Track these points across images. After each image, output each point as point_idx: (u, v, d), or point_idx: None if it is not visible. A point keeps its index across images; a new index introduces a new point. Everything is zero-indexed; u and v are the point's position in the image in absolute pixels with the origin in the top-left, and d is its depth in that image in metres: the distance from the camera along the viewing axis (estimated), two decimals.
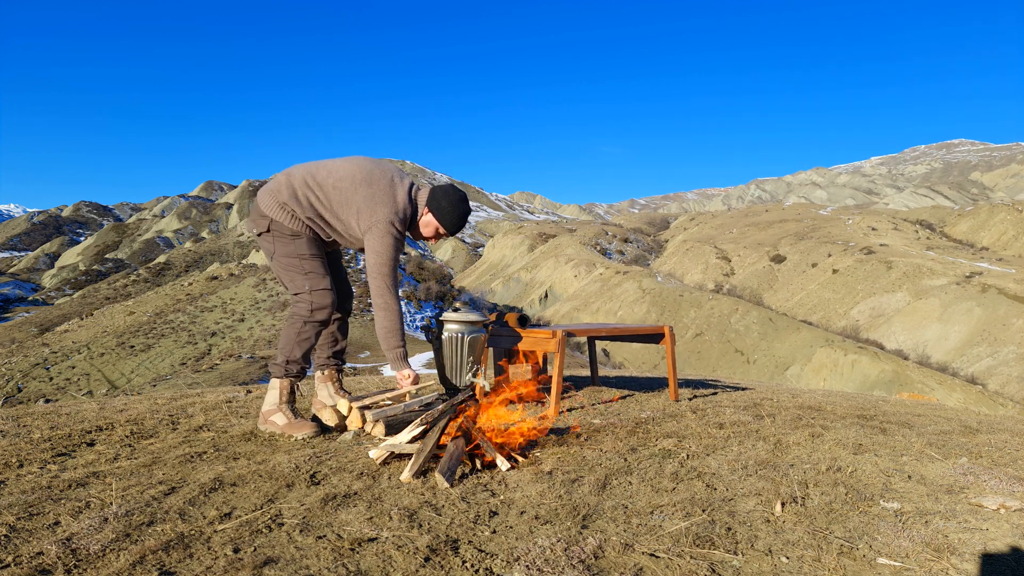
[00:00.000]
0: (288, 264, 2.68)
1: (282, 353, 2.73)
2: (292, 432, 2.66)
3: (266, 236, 2.69)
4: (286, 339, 2.72)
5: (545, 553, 1.53)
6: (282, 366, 2.73)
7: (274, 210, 2.65)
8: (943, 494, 2.08)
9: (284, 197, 2.65)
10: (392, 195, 2.63)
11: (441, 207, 2.70)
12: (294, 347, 2.71)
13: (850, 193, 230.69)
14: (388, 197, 2.62)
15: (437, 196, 2.70)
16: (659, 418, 3.18)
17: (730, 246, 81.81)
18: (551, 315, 72.78)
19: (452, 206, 2.71)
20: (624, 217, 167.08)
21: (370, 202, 2.60)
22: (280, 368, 2.74)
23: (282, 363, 2.73)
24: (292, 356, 2.72)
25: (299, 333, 2.70)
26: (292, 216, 2.65)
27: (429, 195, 2.72)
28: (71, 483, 2.00)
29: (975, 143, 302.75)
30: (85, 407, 3.42)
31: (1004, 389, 40.95)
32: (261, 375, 32.20)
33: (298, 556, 1.50)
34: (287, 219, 2.65)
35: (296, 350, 2.72)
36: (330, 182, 2.63)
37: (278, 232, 2.67)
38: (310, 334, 2.72)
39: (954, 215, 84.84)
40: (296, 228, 2.66)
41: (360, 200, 2.60)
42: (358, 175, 2.63)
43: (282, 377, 2.74)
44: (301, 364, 2.76)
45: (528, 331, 3.48)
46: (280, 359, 2.74)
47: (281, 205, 2.65)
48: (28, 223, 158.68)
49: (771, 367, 49.76)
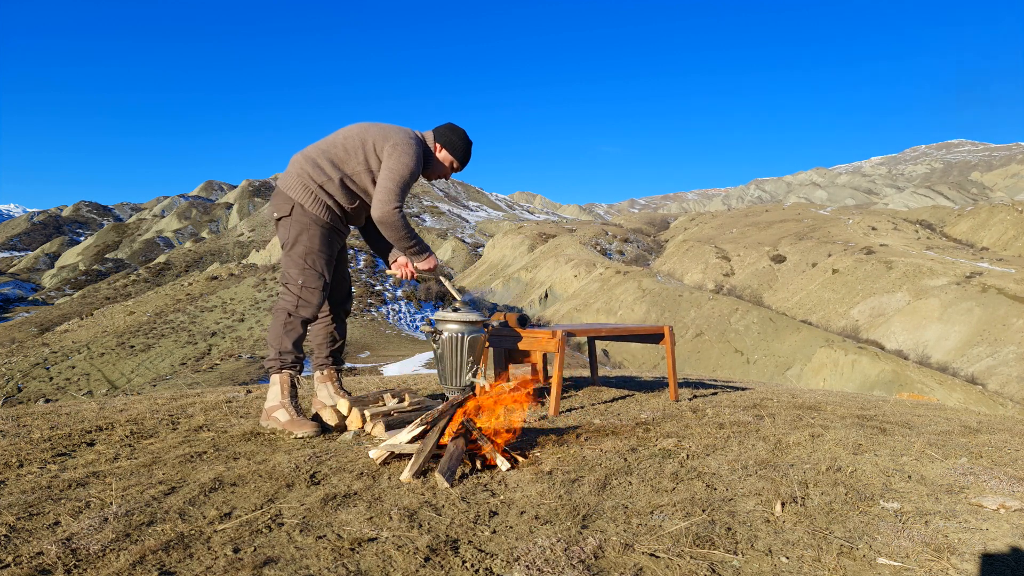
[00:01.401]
0: (296, 255, 2.68)
1: (273, 347, 2.72)
2: (293, 429, 2.65)
3: (286, 221, 2.69)
4: (274, 332, 2.71)
5: (545, 553, 1.53)
6: (276, 359, 2.71)
7: (298, 191, 2.67)
8: (943, 494, 2.08)
9: (307, 172, 2.67)
10: (402, 128, 2.74)
11: (452, 141, 2.82)
12: (283, 338, 2.70)
13: (850, 193, 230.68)
14: (399, 129, 2.73)
15: (446, 132, 2.83)
16: (659, 418, 3.18)
17: (730, 246, 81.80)
18: (551, 315, 72.78)
19: (461, 139, 2.84)
20: (624, 217, 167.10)
21: (383, 132, 2.68)
22: (275, 362, 2.72)
23: (276, 357, 2.71)
24: (283, 347, 2.70)
25: (284, 325, 2.70)
26: (315, 198, 2.66)
27: (436, 133, 2.83)
28: (71, 483, 2.00)
29: (975, 143, 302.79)
30: (85, 407, 3.42)
31: (1004, 389, 40.94)
32: (261, 375, 32.19)
33: (298, 556, 1.50)
34: (310, 201, 2.66)
35: (285, 340, 2.70)
36: (340, 138, 2.71)
37: (299, 217, 2.67)
38: (296, 325, 2.71)
39: (954, 215, 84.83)
40: (318, 212, 2.67)
41: (374, 135, 2.68)
42: (364, 124, 2.75)
43: (279, 371, 2.72)
44: (295, 354, 2.73)
45: (528, 331, 3.48)
46: (273, 353, 2.72)
47: (304, 186, 2.66)
48: (28, 223, 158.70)
49: (771, 367, 49.76)
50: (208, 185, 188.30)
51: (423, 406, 2.84)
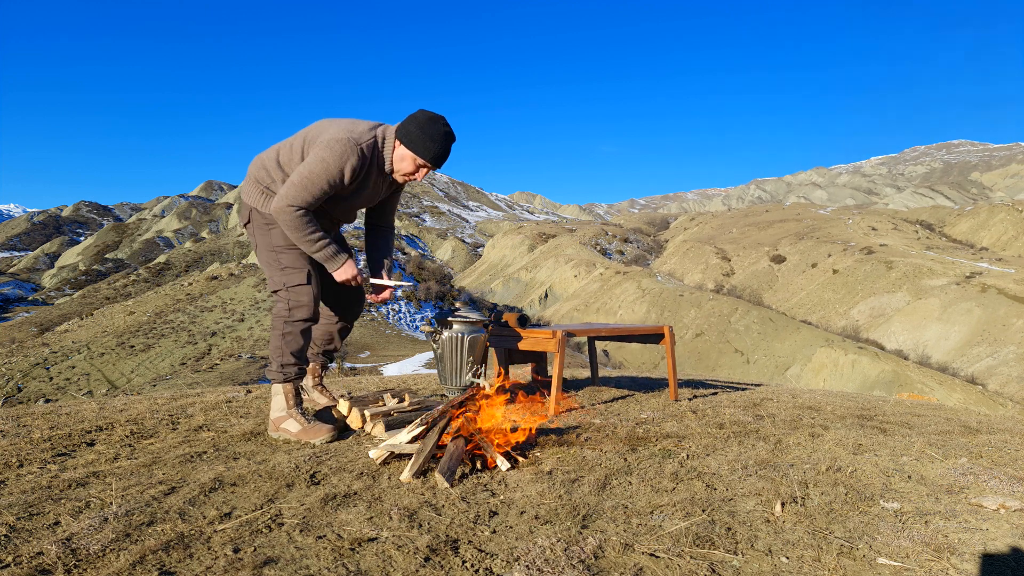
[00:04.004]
0: (268, 259, 2.60)
1: (274, 359, 2.66)
2: (308, 438, 2.58)
3: (249, 227, 2.61)
4: (273, 343, 2.64)
5: (545, 553, 1.53)
6: (278, 371, 2.66)
7: (252, 196, 2.58)
8: (943, 494, 2.08)
9: (255, 176, 2.58)
10: (350, 123, 2.49)
11: (410, 133, 2.40)
12: (282, 350, 2.62)
13: (850, 193, 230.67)
14: (346, 127, 2.45)
15: (405, 125, 2.43)
16: (659, 418, 3.18)
17: (730, 246, 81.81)
18: (551, 315, 72.79)
19: (425, 132, 2.39)
20: (624, 217, 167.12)
21: (322, 129, 2.48)
22: (278, 374, 2.66)
23: (277, 368, 2.66)
24: (284, 360, 2.63)
25: (283, 335, 2.60)
26: (266, 199, 2.56)
27: (397, 128, 2.46)
28: (71, 483, 2.00)
29: (975, 143, 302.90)
30: (85, 407, 3.42)
31: (1004, 389, 40.95)
32: (261, 375, 32.20)
33: (298, 556, 1.50)
34: (262, 202, 2.56)
35: (285, 352, 2.62)
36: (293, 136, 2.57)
37: (258, 221, 2.58)
38: (294, 333, 2.60)
39: (954, 215, 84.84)
40: None
41: (315, 132, 2.48)
42: (323, 121, 2.55)
43: (282, 382, 2.67)
44: (297, 364, 2.67)
45: (528, 331, 3.48)
46: (274, 365, 2.66)
47: (257, 186, 2.57)
48: (28, 223, 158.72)
49: (771, 367, 49.76)
50: (208, 185, 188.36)
51: (423, 406, 2.84)
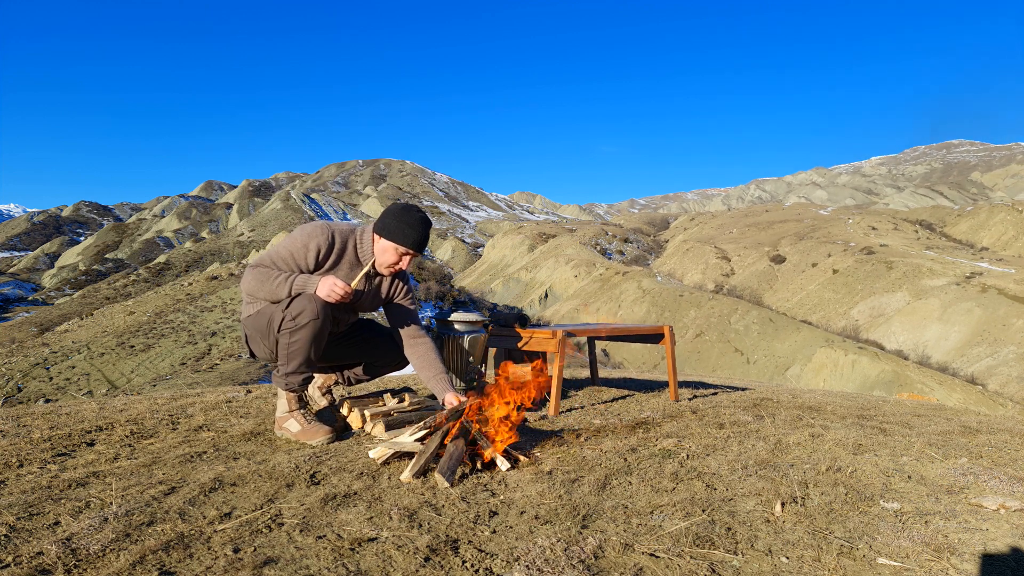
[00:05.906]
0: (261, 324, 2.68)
1: (279, 365, 2.66)
2: (305, 439, 2.60)
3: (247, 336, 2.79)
4: (280, 351, 2.63)
5: (545, 553, 1.53)
6: (282, 378, 2.66)
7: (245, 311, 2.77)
8: (943, 494, 2.08)
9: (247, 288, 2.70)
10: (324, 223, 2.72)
11: (388, 225, 2.65)
12: (287, 360, 2.61)
13: (850, 193, 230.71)
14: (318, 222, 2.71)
15: (383, 219, 2.68)
16: (659, 418, 3.18)
17: (730, 246, 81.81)
18: (551, 315, 72.75)
19: (397, 218, 2.64)
20: (624, 217, 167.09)
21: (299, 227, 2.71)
22: (281, 380, 2.67)
23: (282, 376, 2.66)
24: (289, 369, 2.63)
25: (288, 345, 2.58)
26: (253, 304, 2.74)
27: (375, 225, 2.70)
28: (71, 483, 2.00)
29: (975, 143, 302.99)
30: (85, 407, 3.42)
31: (1004, 389, 40.94)
32: (261, 375, 32.20)
33: (298, 556, 1.50)
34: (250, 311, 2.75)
35: (291, 362, 2.61)
36: None
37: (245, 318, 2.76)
38: (300, 341, 2.57)
39: (954, 215, 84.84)
40: None
41: None
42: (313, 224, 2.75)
43: (284, 389, 2.68)
44: (302, 374, 2.66)
45: (528, 331, 3.48)
46: (280, 372, 2.67)
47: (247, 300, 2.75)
48: (28, 223, 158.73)
49: (771, 367, 49.75)
50: (208, 185, 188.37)
51: (423, 406, 2.84)
